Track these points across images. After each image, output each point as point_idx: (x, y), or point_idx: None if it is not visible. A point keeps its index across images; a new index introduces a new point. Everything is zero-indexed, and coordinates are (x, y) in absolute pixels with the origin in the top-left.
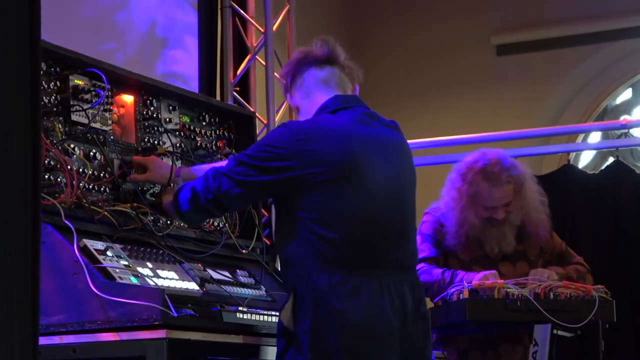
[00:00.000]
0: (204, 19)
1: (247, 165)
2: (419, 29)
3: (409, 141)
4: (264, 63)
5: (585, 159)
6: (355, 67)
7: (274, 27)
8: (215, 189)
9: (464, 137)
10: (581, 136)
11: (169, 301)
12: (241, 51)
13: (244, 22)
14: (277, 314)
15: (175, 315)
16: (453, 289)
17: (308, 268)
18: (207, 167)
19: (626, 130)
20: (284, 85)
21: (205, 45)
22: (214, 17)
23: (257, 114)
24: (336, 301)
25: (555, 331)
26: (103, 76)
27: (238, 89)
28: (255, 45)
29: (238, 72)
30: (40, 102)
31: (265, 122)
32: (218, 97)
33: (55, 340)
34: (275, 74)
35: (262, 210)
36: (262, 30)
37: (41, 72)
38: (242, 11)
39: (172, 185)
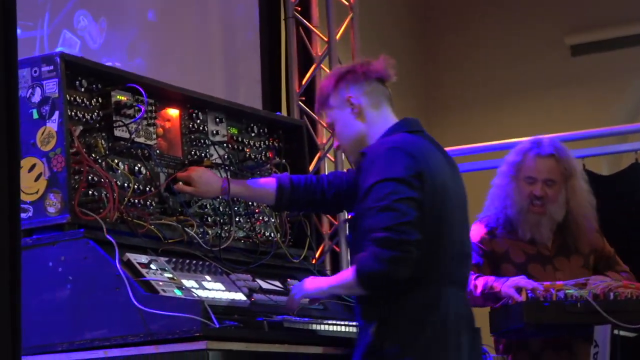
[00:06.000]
0: (265, 31)
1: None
2: (491, 33)
3: (481, 144)
4: (328, 72)
5: None
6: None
7: (337, 36)
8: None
9: (536, 138)
10: None
11: (210, 312)
12: (305, 61)
13: (307, 32)
14: (330, 322)
15: (217, 326)
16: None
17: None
18: (262, 180)
19: None
20: (345, 81)
21: (268, 57)
22: (277, 28)
23: (321, 122)
24: (424, 315)
25: (616, 331)
26: (142, 91)
27: (304, 98)
28: (319, 54)
29: (303, 82)
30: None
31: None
32: (284, 108)
33: (100, 354)
34: None
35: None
36: (325, 39)
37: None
38: (305, 21)
39: (221, 198)
